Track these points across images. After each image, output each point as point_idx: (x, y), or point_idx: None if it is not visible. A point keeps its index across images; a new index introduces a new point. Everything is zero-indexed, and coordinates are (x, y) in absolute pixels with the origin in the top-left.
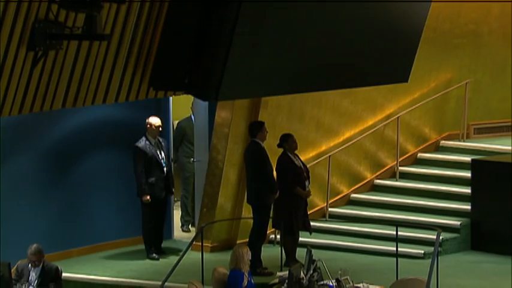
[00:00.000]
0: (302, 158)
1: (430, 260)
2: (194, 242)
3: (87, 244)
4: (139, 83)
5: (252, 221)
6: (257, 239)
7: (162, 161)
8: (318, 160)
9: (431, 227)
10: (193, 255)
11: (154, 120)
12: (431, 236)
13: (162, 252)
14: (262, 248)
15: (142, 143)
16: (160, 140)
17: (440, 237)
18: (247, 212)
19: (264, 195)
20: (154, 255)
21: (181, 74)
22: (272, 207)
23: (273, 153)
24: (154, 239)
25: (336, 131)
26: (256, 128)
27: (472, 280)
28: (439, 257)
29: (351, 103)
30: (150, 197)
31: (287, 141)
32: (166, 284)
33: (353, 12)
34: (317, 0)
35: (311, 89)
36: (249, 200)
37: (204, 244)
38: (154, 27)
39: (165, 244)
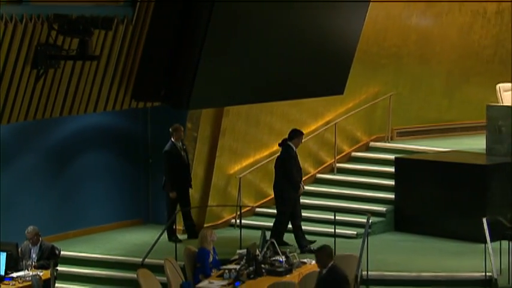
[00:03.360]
0: (257, 157)
1: (361, 240)
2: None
3: (82, 227)
4: (124, 95)
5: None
6: (280, 227)
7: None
8: (271, 158)
9: (363, 212)
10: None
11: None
12: (362, 219)
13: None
14: (224, 230)
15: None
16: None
17: (370, 221)
18: (212, 201)
19: (288, 190)
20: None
21: (158, 87)
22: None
23: (235, 153)
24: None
25: (285, 134)
26: (295, 135)
27: (395, 255)
28: (368, 237)
29: (297, 111)
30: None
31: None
32: (146, 260)
33: (299, 35)
34: (271, 27)
35: (265, 100)
36: (275, 193)
37: (177, 227)
38: (135, 49)
39: None
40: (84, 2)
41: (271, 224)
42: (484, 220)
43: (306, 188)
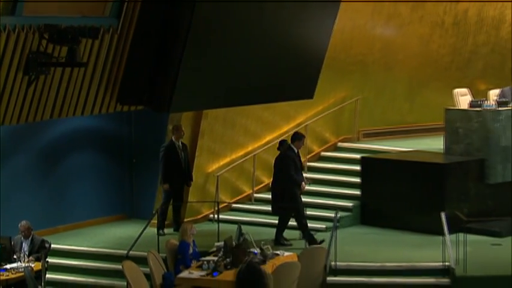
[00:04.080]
0: (233, 157)
1: (330, 232)
2: (152, 221)
3: (70, 222)
4: (109, 99)
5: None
6: (301, 219)
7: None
8: (246, 158)
9: (331, 208)
10: (151, 231)
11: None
12: (331, 214)
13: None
14: (203, 224)
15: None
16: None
17: (338, 215)
18: (192, 197)
19: (290, 187)
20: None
21: (141, 92)
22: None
23: (213, 153)
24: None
25: (259, 135)
26: (296, 138)
27: (361, 247)
28: (337, 230)
29: (270, 114)
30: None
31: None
32: (130, 252)
33: (273, 44)
34: (247, 37)
35: (241, 104)
36: (275, 191)
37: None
38: (120, 57)
39: None
40: (72, 13)
41: (247, 219)
42: (443, 214)
43: None
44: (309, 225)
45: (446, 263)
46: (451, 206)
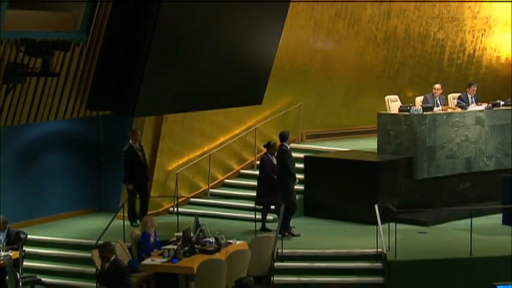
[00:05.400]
0: (191, 156)
1: (277, 223)
2: (118, 214)
3: (45, 215)
4: (79, 105)
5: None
6: (289, 212)
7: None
8: (202, 157)
9: (278, 202)
10: (117, 223)
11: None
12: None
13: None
14: (164, 217)
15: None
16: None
17: (283, 208)
18: (154, 192)
19: (287, 182)
20: (134, 223)
21: (108, 99)
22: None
23: (173, 153)
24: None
25: (214, 137)
26: (285, 137)
27: (304, 236)
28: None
29: (224, 118)
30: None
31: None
32: (99, 242)
33: (227, 56)
34: (203, 49)
35: (198, 109)
36: (279, 187)
37: (125, 215)
38: (89, 67)
39: None
40: (46, 28)
41: (203, 211)
42: (376, 206)
43: (232, 181)
44: (258, 217)
45: (379, 249)
46: (383, 199)
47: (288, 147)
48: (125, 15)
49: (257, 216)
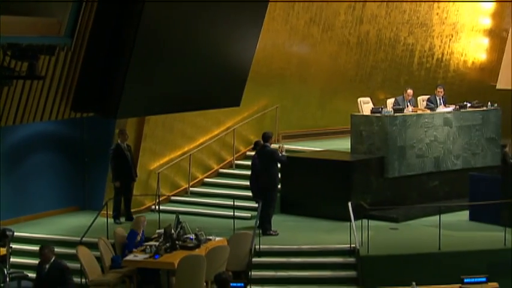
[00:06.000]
0: (172, 156)
1: (254, 220)
2: (102, 211)
3: (31, 213)
4: (64, 107)
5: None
6: (270, 210)
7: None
8: (183, 157)
9: (256, 199)
10: (101, 220)
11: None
12: (255, 204)
13: (131, 219)
14: (146, 214)
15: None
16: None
17: (260, 205)
18: (137, 191)
19: (273, 180)
20: (117, 221)
21: (92, 101)
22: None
23: (154, 153)
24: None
25: (194, 138)
26: (268, 137)
27: (281, 232)
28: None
29: (203, 119)
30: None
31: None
32: (83, 239)
33: (206, 59)
34: (183, 54)
35: (178, 110)
36: (264, 184)
37: (108, 212)
38: (73, 71)
39: None
40: (32, 33)
41: (184, 209)
42: (349, 204)
43: (211, 180)
44: (236, 214)
45: (352, 245)
46: (356, 196)
47: (271, 147)
48: (108, 21)
49: (236, 214)
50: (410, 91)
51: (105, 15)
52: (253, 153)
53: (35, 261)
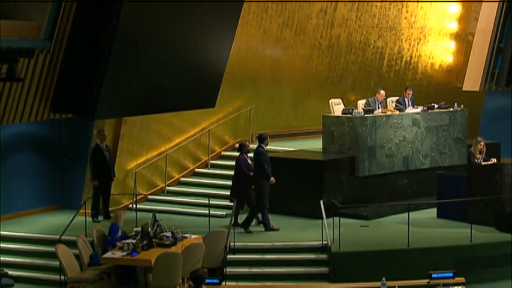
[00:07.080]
0: (148, 156)
1: (229, 218)
2: (80, 210)
3: (11, 212)
4: (43, 108)
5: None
6: (259, 209)
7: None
8: (159, 157)
9: (230, 198)
10: (79, 219)
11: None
12: (230, 203)
13: (109, 217)
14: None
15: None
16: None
17: (235, 204)
18: (114, 190)
19: (261, 182)
20: (95, 219)
21: (70, 102)
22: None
23: (132, 153)
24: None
25: (170, 138)
26: (264, 138)
27: (255, 230)
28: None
29: (179, 120)
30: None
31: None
32: (62, 237)
33: (182, 62)
34: (159, 57)
35: (155, 111)
36: (256, 177)
37: (86, 211)
38: (52, 73)
39: None
40: (11, 36)
41: (160, 208)
42: (321, 202)
43: (187, 179)
44: (212, 212)
45: (324, 242)
46: (328, 195)
47: (265, 149)
48: (86, 25)
49: (211, 212)
50: (383, 92)
51: (83, 20)
52: (227, 153)
53: (15, 259)
